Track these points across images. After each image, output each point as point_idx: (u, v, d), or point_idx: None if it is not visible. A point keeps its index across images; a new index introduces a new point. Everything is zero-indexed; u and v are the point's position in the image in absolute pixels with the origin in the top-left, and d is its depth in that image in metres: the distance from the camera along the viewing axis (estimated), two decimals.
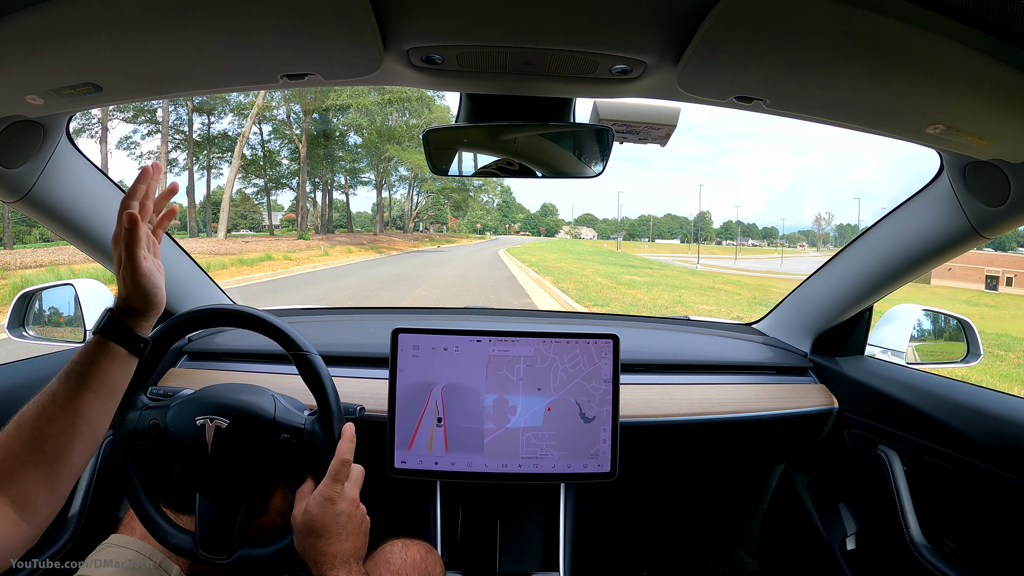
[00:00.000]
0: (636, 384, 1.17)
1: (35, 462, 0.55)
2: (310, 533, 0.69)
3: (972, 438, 0.91)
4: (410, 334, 1.00)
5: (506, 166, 0.81)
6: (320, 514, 0.69)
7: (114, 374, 0.61)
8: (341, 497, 0.71)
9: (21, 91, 0.64)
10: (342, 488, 0.72)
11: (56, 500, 0.58)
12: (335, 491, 0.71)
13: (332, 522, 0.69)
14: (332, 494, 0.71)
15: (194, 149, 24.72)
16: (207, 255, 15.09)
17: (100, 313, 0.63)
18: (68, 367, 0.59)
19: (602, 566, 1.55)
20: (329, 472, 0.72)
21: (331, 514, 0.70)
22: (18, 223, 20.33)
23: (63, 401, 0.57)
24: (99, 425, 0.61)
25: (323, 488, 0.71)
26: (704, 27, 0.50)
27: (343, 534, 0.70)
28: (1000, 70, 0.51)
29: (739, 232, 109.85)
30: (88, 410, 0.59)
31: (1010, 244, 49.24)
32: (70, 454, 0.57)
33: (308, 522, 0.70)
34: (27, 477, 0.54)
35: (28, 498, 0.54)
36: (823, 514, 1.25)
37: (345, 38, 0.55)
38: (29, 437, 0.55)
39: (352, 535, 0.71)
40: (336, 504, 0.70)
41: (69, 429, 0.57)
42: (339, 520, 0.70)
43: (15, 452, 0.55)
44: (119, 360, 0.62)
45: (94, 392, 0.59)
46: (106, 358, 0.60)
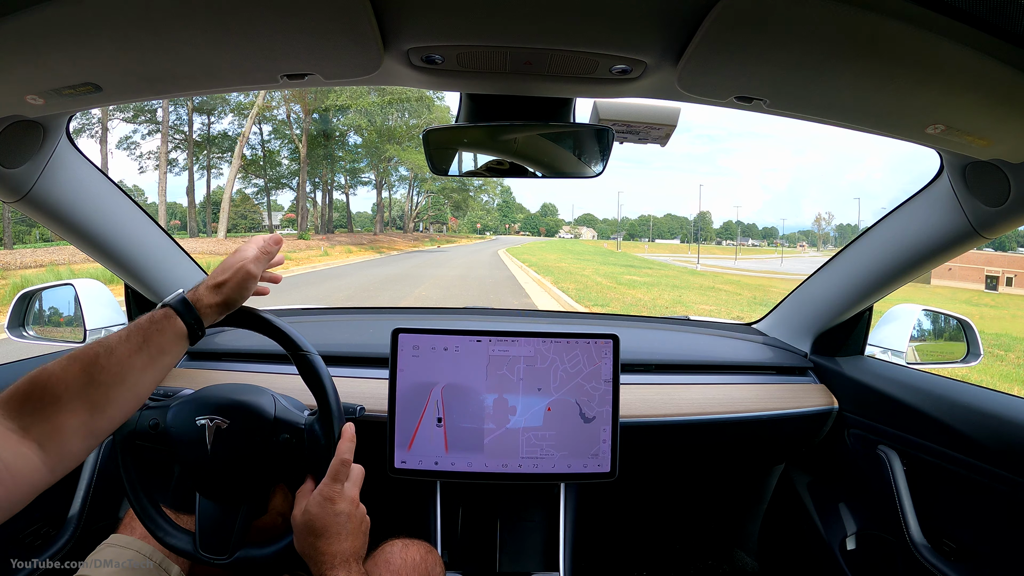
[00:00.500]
0: (636, 384, 1.17)
1: (75, 407, 0.55)
2: (310, 533, 0.69)
3: (972, 438, 0.91)
4: (410, 334, 1.00)
5: (506, 166, 0.81)
6: (320, 514, 0.69)
7: (172, 348, 0.64)
8: (341, 497, 0.71)
9: (21, 91, 0.64)
10: (342, 488, 0.72)
11: (83, 451, 0.57)
12: (335, 491, 0.71)
13: (332, 522, 0.69)
14: (332, 494, 0.71)
15: (194, 149, 24.72)
16: (207, 255, 15.08)
17: (173, 294, 0.67)
18: (132, 329, 0.62)
19: (602, 566, 1.55)
20: (329, 472, 0.72)
21: (331, 514, 0.70)
22: (18, 223, 20.33)
23: (122, 356, 0.59)
24: (144, 390, 0.62)
25: (323, 488, 0.71)
26: (704, 27, 0.50)
27: (343, 534, 0.70)
28: (1000, 70, 0.51)
29: (739, 232, 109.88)
30: (141, 373, 0.60)
31: (1010, 244, 49.24)
32: (110, 408, 0.58)
33: (308, 522, 0.70)
34: (63, 420, 0.54)
35: (57, 442, 0.53)
36: (823, 514, 1.25)
37: (345, 38, 0.55)
38: (76, 382, 0.55)
39: (352, 535, 0.71)
40: (336, 504, 0.70)
41: (119, 384, 0.58)
42: (339, 520, 0.70)
43: (57, 394, 0.54)
44: (180, 339, 0.65)
45: (150, 357, 0.61)
46: (171, 331, 0.64)
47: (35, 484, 0.52)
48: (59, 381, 0.54)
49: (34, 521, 0.95)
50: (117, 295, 1.24)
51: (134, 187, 31.78)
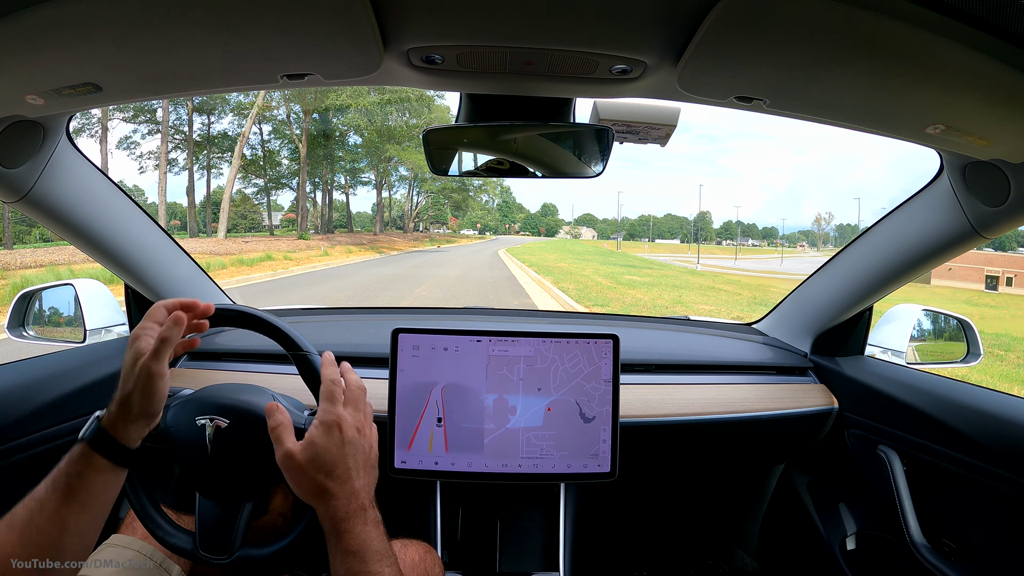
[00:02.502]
0: (636, 384, 1.17)
1: (24, 571, 0.50)
2: (318, 470, 0.58)
3: (972, 438, 0.91)
4: (410, 334, 1.00)
5: (506, 166, 0.81)
6: (326, 444, 0.58)
7: (99, 487, 0.56)
8: (345, 422, 0.60)
9: (21, 91, 0.64)
10: (343, 411, 0.61)
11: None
12: (337, 414, 0.60)
13: (339, 453, 0.59)
14: (335, 418, 0.60)
15: (194, 149, 24.73)
16: (207, 255, 15.10)
17: (89, 421, 0.57)
18: (55, 475, 0.55)
19: (602, 566, 1.55)
20: (323, 395, 0.62)
21: (338, 444, 0.59)
22: (18, 223, 20.33)
23: (51, 512, 0.53)
24: (88, 538, 0.56)
25: (322, 414, 0.60)
26: (704, 27, 0.50)
27: (352, 468, 0.59)
28: (1000, 70, 0.51)
29: (739, 232, 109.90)
30: (75, 523, 0.54)
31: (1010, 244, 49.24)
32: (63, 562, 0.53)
33: (313, 457, 0.58)
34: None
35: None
36: (823, 514, 1.25)
37: (345, 38, 0.55)
38: (18, 545, 0.51)
39: (363, 469, 0.61)
40: (342, 431, 0.60)
41: (56, 542, 0.52)
42: (346, 451, 0.59)
43: (5, 553, 0.50)
44: (104, 473, 0.56)
45: (81, 505, 0.54)
46: (91, 470, 0.55)
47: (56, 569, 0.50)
48: (3, 543, 0.51)
49: None
50: (117, 295, 1.24)
51: (134, 187, 31.82)
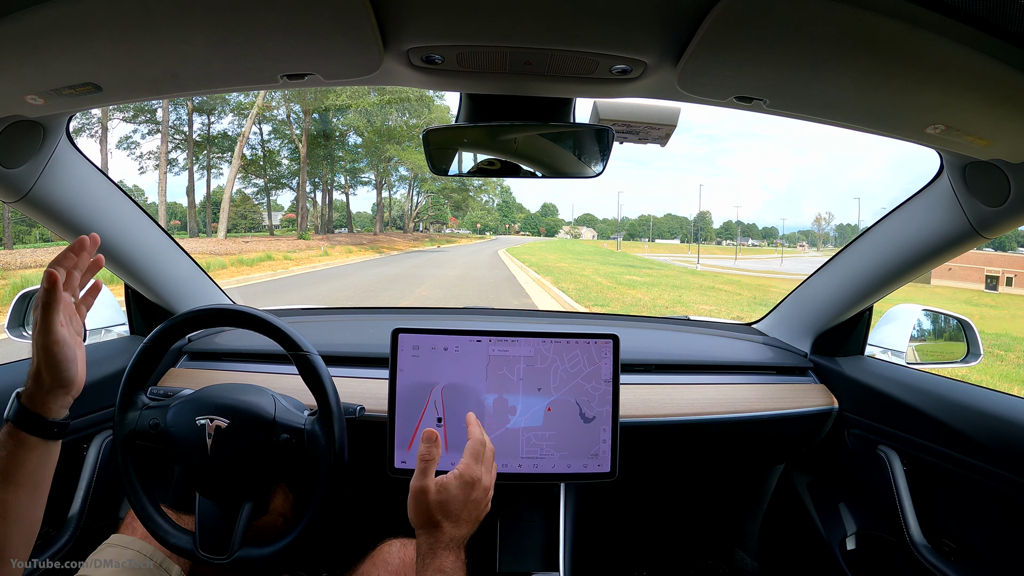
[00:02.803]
0: (636, 384, 1.17)
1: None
2: (441, 511, 0.65)
3: (972, 438, 0.91)
4: (410, 334, 1.00)
5: (507, 167, 0.81)
6: (458, 496, 0.66)
7: (33, 465, 0.56)
8: (480, 483, 0.68)
9: (21, 91, 0.64)
10: (483, 472, 0.69)
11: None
12: (478, 474, 0.68)
13: (464, 505, 0.66)
14: (475, 477, 0.67)
15: (194, 149, 24.72)
16: (207, 255, 15.09)
17: (10, 401, 0.58)
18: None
19: (602, 566, 1.55)
20: (469, 451, 0.69)
21: (467, 497, 0.66)
22: (18, 223, 20.33)
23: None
24: (31, 518, 0.56)
25: (465, 468, 0.67)
26: (704, 27, 0.50)
27: (466, 520, 0.67)
28: (1000, 70, 0.51)
29: (739, 232, 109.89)
30: (14, 505, 0.54)
31: (1010, 244, 49.24)
32: (8, 549, 0.53)
33: (443, 501, 0.65)
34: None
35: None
36: (823, 514, 1.25)
37: (345, 38, 0.55)
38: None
39: (473, 522, 0.68)
40: (475, 489, 0.67)
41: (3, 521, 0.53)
42: (469, 506, 0.67)
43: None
44: (35, 450, 0.56)
45: (16, 485, 0.54)
46: (21, 449, 0.56)
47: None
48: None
49: None
50: (117, 295, 1.24)
51: (134, 187, 31.80)
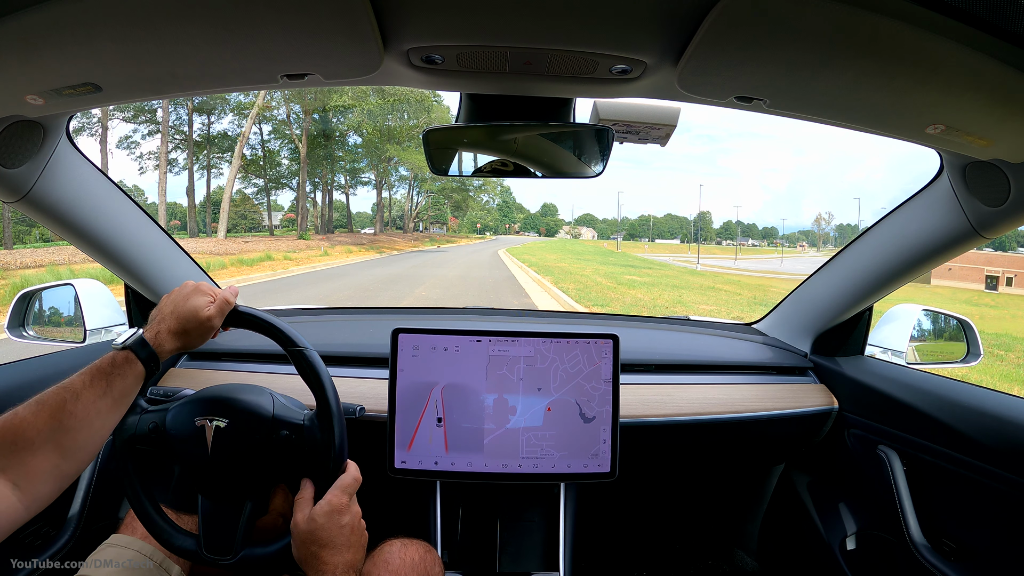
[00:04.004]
0: (636, 384, 1.17)
1: (46, 452, 0.57)
2: (313, 542, 0.69)
3: (972, 438, 0.91)
4: (410, 334, 1.00)
5: (506, 166, 0.81)
6: (326, 524, 0.70)
7: (132, 390, 0.67)
8: (348, 509, 0.72)
9: (21, 91, 0.64)
10: (350, 500, 0.73)
11: (53, 492, 0.59)
12: (343, 503, 0.72)
13: (337, 533, 0.70)
14: (341, 506, 0.71)
15: (194, 149, 24.72)
16: (207, 255, 15.09)
17: (129, 333, 0.68)
18: (94, 372, 0.64)
19: (602, 566, 1.55)
20: (341, 486, 0.73)
21: (336, 525, 0.70)
22: (18, 223, 20.33)
23: (88, 401, 0.61)
24: (107, 432, 0.65)
25: (332, 498, 0.72)
26: (704, 27, 0.50)
27: (345, 546, 0.70)
28: (1000, 70, 0.51)
29: (739, 232, 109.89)
30: (106, 417, 0.63)
31: (1010, 244, 49.24)
32: (81, 451, 0.60)
33: (313, 531, 0.70)
34: (35, 463, 0.56)
35: (32, 483, 0.56)
36: (823, 514, 1.25)
37: (345, 38, 0.55)
38: (46, 427, 0.58)
39: (353, 547, 0.71)
40: (343, 516, 0.71)
41: (86, 428, 0.61)
42: (343, 532, 0.71)
43: (29, 438, 0.56)
44: (139, 380, 0.68)
45: (114, 401, 0.64)
46: (132, 375, 0.66)
47: (12, 520, 0.54)
48: (30, 426, 0.57)
49: (34, 521, 0.94)
50: (117, 295, 1.24)
51: (134, 187, 31.81)
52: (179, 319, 0.71)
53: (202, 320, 0.72)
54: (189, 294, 0.74)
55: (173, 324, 0.71)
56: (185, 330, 0.72)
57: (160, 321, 0.72)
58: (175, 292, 0.75)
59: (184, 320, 0.72)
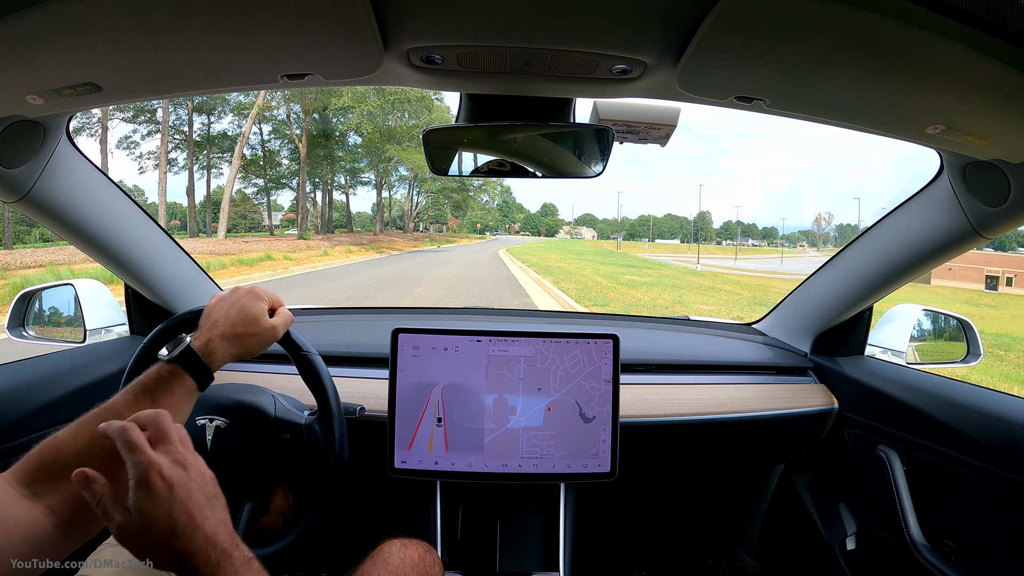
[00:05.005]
0: (636, 384, 1.17)
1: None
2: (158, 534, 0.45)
3: (972, 438, 0.91)
4: (410, 334, 1.00)
5: (506, 166, 0.81)
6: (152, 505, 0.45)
7: (183, 406, 0.60)
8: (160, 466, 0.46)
9: (21, 91, 0.64)
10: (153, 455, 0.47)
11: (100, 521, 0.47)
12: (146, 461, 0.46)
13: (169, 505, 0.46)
14: (145, 468, 0.46)
15: (194, 149, 24.72)
16: (207, 255, 15.09)
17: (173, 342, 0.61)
18: (137, 390, 0.57)
19: (602, 566, 1.55)
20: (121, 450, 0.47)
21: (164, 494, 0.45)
22: (18, 223, 20.33)
23: None
24: None
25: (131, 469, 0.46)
26: (704, 27, 0.50)
27: (195, 513, 0.47)
28: (1000, 70, 0.51)
29: (739, 232, 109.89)
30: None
31: (1010, 244, 49.24)
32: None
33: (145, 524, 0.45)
34: (75, 489, 0.47)
35: (71, 510, 0.50)
36: (823, 514, 1.25)
37: (345, 38, 0.55)
38: (86, 449, 0.52)
39: (207, 505, 0.48)
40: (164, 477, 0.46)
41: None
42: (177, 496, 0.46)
43: (68, 462, 0.50)
44: (191, 394, 0.61)
45: None
46: (181, 390, 0.60)
47: (47, 549, 0.49)
48: (69, 449, 0.52)
49: None
50: (117, 295, 1.24)
51: (134, 187, 31.82)
52: (234, 324, 0.65)
53: (265, 328, 0.67)
54: (243, 297, 0.68)
55: (227, 329, 0.65)
56: (241, 335, 0.65)
57: (211, 327, 0.64)
58: (225, 296, 0.68)
59: (241, 324, 0.65)
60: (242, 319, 0.66)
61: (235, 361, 0.66)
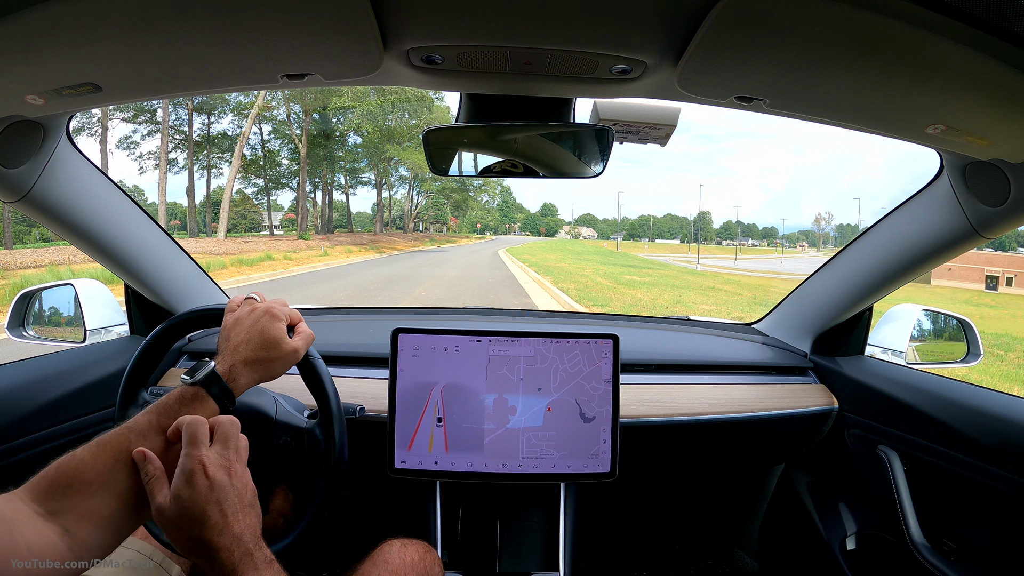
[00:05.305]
0: (636, 384, 1.17)
1: (105, 496, 0.50)
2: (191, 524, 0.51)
3: (972, 438, 0.91)
4: (410, 334, 1.00)
5: (507, 167, 0.81)
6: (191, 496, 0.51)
7: None
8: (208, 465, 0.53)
9: (21, 91, 0.64)
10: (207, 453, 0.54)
11: (114, 539, 0.51)
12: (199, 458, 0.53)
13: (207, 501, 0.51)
14: (195, 464, 0.52)
15: (194, 149, 24.72)
16: (207, 255, 15.09)
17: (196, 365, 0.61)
18: (163, 411, 0.57)
19: (602, 566, 1.55)
20: (184, 439, 0.54)
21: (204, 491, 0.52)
22: (18, 223, 20.33)
23: (153, 444, 0.54)
24: None
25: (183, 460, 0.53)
26: (704, 27, 0.50)
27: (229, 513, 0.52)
28: (1000, 70, 0.51)
29: (739, 232, 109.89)
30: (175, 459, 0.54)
31: (1010, 244, 49.24)
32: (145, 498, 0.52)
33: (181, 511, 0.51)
34: (91, 508, 0.49)
35: (85, 529, 0.49)
36: (823, 514, 1.25)
37: (345, 38, 0.55)
38: (107, 469, 0.51)
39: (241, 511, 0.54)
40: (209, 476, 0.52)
41: None
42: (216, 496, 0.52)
43: (87, 481, 0.50)
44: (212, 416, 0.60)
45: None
46: (203, 411, 0.59)
47: (56, 568, 0.47)
48: (88, 468, 0.51)
49: None
50: (117, 295, 1.24)
51: (134, 187, 31.83)
52: (256, 349, 0.64)
53: (287, 352, 0.67)
54: (261, 319, 0.66)
55: (250, 355, 0.64)
56: (263, 360, 0.65)
57: (232, 352, 0.64)
58: (243, 317, 0.67)
59: (263, 349, 0.65)
60: (263, 344, 0.65)
61: (258, 383, 0.66)
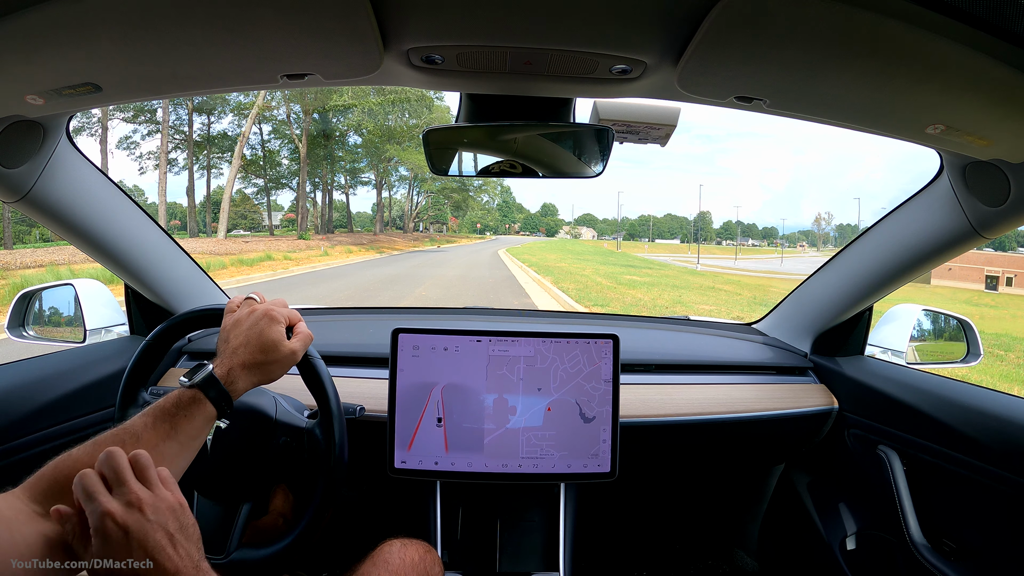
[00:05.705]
0: (636, 384, 1.17)
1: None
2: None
3: (972, 438, 0.91)
4: (410, 334, 1.00)
5: (507, 167, 0.81)
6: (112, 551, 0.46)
7: (202, 432, 0.60)
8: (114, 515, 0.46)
9: (21, 91, 0.64)
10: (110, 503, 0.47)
11: None
12: (100, 510, 0.46)
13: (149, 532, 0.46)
14: (99, 516, 0.46)
15: (194, 149, 24.72)
16: (207, 255, 15.09)
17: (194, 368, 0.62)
18: (157, 414, 0.57)
19: (602, 566, 1.55)
20: (120, 473, 0.48)
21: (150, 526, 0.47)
22: (18, 223, 20.33)
23: (150, 445, 0.55)
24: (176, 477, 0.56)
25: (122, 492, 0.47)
26: (704, 27, 0.50)
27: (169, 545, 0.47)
28: (1000, 70, 0.51)
29: (739, 232, 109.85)
30: (173, 461, 0.56)
31: (1010, 244, 49.23)
32: None
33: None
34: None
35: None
36: (823, 514, 1.25)
37: (345, 38, 0.55)
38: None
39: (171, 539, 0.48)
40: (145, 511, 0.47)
41: None
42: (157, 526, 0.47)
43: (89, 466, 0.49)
44: (210, 421, 0.61)
45: (180, 445, 0.58)
46: (201, 416, 0.60)
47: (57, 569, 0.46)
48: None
49: None
50: (117, 295, 1.24)
51: (134, 187, 31.81)
52: (254, 352, 0.65)
53: (285, 355, 0.67)
54: (260, 321, 0.67)
55: (248, 358, 0.64)
56: (262, 363, 0.65)
57: (231, 355, 0.64)
58: (242, 318, 0.68)
59: (261, 353, 0.65)
60: (261, 347, 0.65)
61: (257, 386, 0.67)
